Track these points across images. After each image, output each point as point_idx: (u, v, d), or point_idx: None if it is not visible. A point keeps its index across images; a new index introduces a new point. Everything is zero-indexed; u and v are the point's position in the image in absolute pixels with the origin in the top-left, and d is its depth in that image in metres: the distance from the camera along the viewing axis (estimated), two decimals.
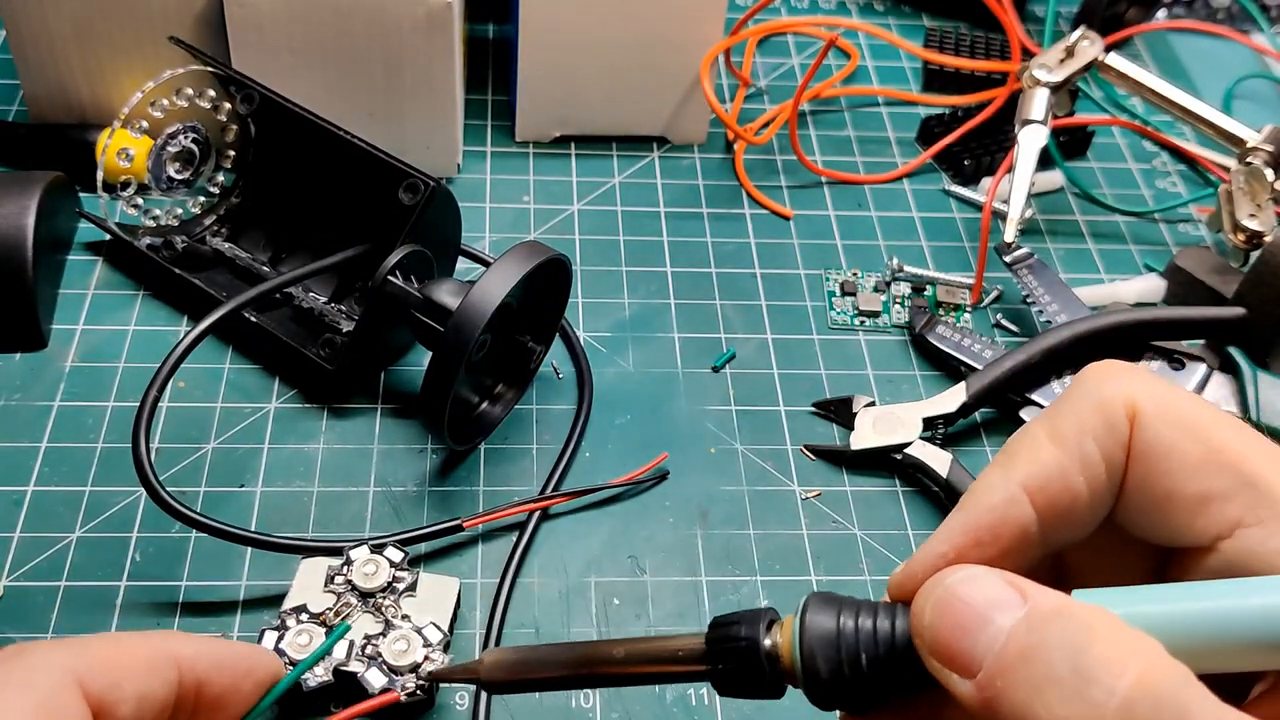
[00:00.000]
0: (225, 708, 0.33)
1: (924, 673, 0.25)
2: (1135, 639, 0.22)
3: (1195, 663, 0.22)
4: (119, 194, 0.54)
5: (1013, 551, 0.26)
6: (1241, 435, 0.25)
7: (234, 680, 0.33)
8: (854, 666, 0.26)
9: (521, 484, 0.50)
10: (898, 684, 0.26)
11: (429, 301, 0.48)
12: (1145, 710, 0.21)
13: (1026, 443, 0.27)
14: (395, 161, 0.51)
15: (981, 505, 0.26)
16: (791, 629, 0.27)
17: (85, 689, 0.29)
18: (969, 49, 0.73)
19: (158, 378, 0.46)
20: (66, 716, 0.28)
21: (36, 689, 0.28)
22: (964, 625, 0.24)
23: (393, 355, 0.54)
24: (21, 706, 0.28)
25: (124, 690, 0.29)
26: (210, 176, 0.57)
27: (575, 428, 0.52)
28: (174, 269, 0.54)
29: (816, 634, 0.26)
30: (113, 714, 0.29)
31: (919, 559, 0.27)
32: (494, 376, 0.52)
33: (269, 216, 0.58)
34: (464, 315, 0.45)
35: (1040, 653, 0.22)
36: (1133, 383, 0.26)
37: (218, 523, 0.44)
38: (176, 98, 0.54)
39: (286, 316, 0.54)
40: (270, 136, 0.57)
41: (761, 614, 0.28)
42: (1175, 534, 0.26)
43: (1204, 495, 0.25)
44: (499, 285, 0.45)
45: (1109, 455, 0.26)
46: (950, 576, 0.25)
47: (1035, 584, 0.24)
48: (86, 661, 0.29)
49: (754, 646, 0.27)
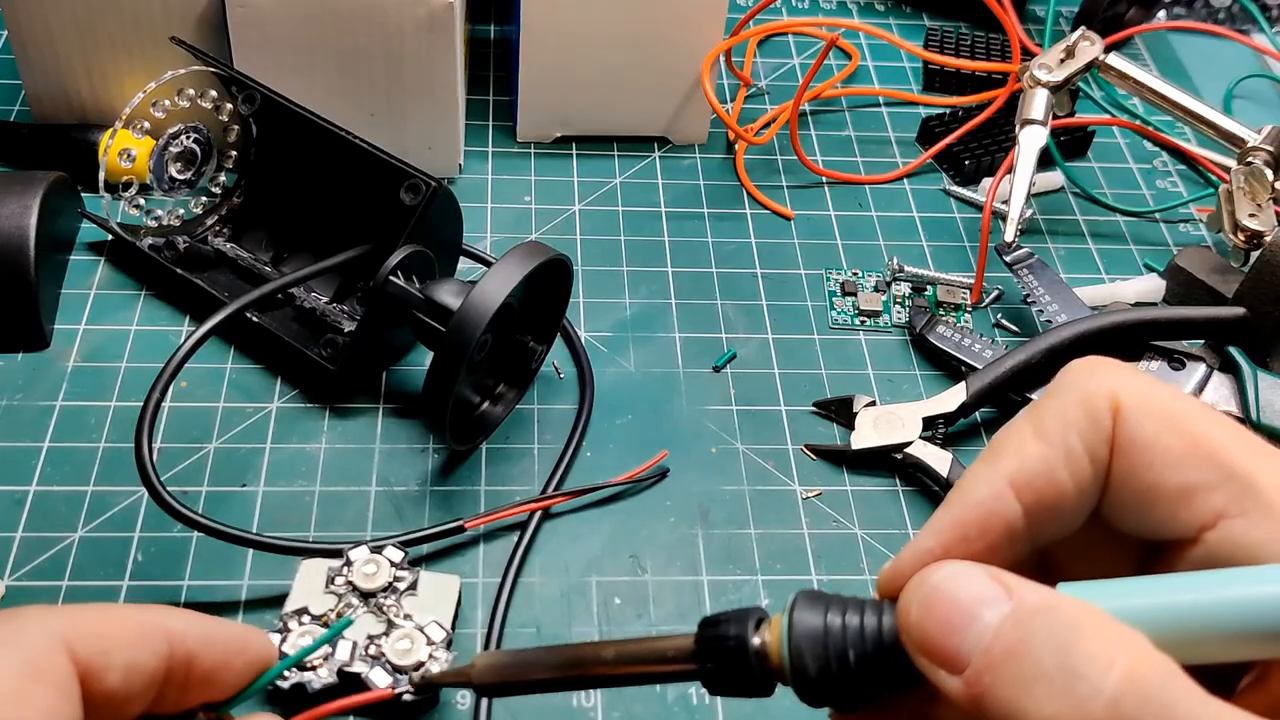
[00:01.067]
0: (216, 684, 0.33)
1: (912, 669, 0.25)
2: (1121, 633, 0.22)
3: (1181, 654, 0.22)
4: (121, 194, 0.54)
5: (999, 547, 0.26)
6: (1223, 428, 0.26)
7: (225, 657, 0.33)
8: (842, 664, 0.26)
9: (523, 484, 0.50)
10: (886, 681, 0.26)
11: (430, 302, 0.48)
12: (1132, 705, 0.21)
13: (1012, 439, 0.27)
14: (397, 162, 0.51)
15: (968, 501, 0.26)
16: (780, 627, 0.27)
17: (74, 653, 0.29)
18: (969, 49, 0.73)
19: (160, 379, 0.46)
20: (53, 677, 0.28)
21: (25, 649, 0.28)
22: (950, 622, 0.24)
23: (394, 355, 0.54)
24: (9, 663, 0.28)
25: (113, 658, 0.30)
26: (212, 177, 0.57)
27: (576, 427, 0.52)
28: (176, 269, 0.55)
29: (804, 632, 0.26)
30: (100, 680, 0.29)
31: (906, 555, 0.27)
32: (495, 376, 0.52)
33: (271, 217, 0.58)
34: (465, 315, 0.45)
35: (1027, 649, 0.22)
36: (1115, 377, 0.26)
37: (218, 524, 0.44)
38: (178, 98, 0.54)
39: (288, 317, 0.54)
40: (272, 137, 0.57)
41: (750, 613, 0.28)
42: (1159, 527, 0.26)
43: (1187, 487, 0.25)
44: (500, 285, 0.45)
45: (1093, 450, 0.26)
46: (936, 573, 0.25)
47: (1020, 579, 0.24)
48: (77, 627, 0.29)
49: (743, 645, 0.27)
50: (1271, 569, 0.24)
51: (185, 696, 0.32)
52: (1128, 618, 0.23)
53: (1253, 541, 0.24)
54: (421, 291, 0.48)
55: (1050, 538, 0.27)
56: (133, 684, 0.30)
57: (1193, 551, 0.25)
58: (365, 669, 0.41)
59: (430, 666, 0.41)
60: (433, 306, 0.48)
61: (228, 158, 0.57)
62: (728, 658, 0.27)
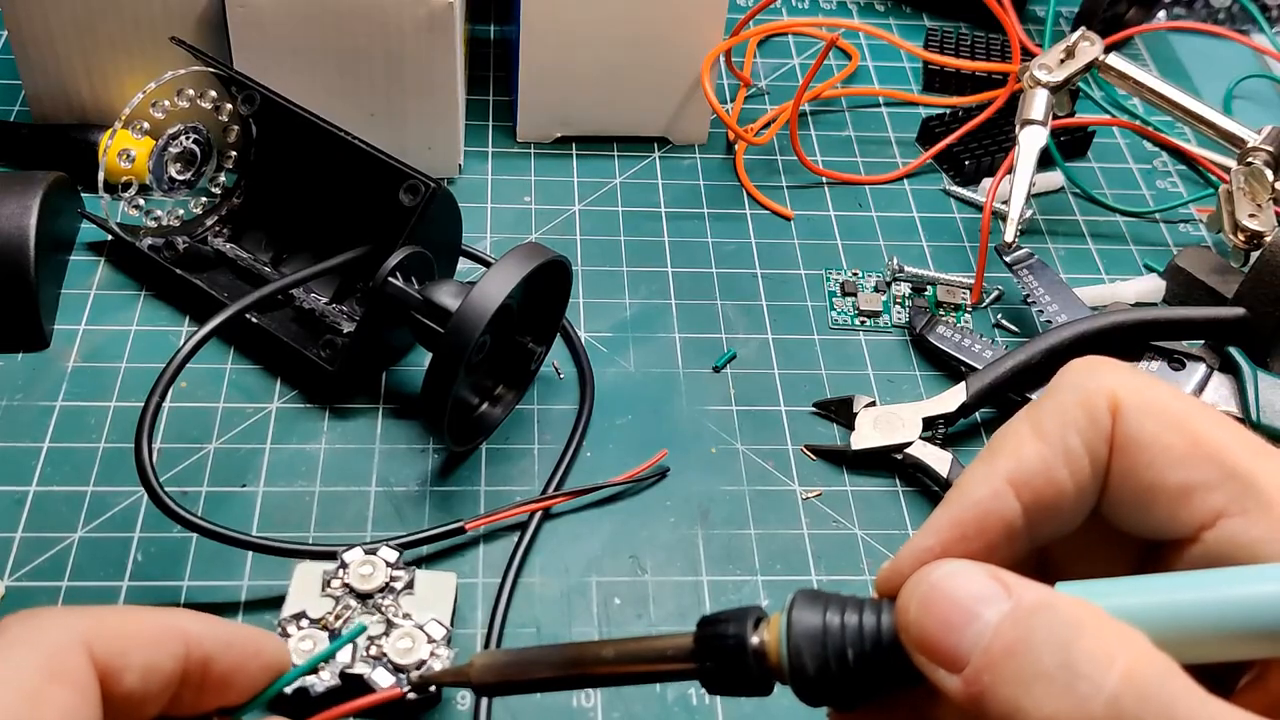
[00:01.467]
0: (231, 687, 0.33)
1: (911, 668, 0.25)
2: (1120, 631, 0.22)
3: (1181, 653, 0.22)
4: (120, 195, 0.54)
5: (998, 546, 0.26)
6: (1223, 427, 0.26)
7: (241, 660, 0.33)
8: (841, 663, 0.26)
9: (523, 484, 0.50)
10: (885, 679, 0.26)
11: (429, 303, 0.48)
12: (1132, 703, 0.21)
13: (1010, 437, 0.27)
14: (396, 163, 0.51)
15: (967, 500, 0.26)
16: (778, 626, 0.27)
17: (93, 654, 0.29)
18: (969, 49, 0.73)
19: (160, 381, 0.46)
20: (72, 677, 0.28)
21: (45, 649, 0.28)
22: (949, 620, 0.24)
23: (394, 356, 0.54)
24: (29, 663, 0.28)
25: (131, 659, 0.30)
26: (212, 177, 0.57)
27: (577, 428, 0.52)
28: (175, 269, 0.55)
29: (803, 631, 0.26)
30: (118, 681, 0.29)
31: (904, 554, 0.27)
32: (494, 377, 0.52)
33: (270, 217, 0.58)
34: (463, 317, 0.45)
35: (1026, 648, 0.22)
36: (1114, 376, 0.26)
37: (217, 526, 0.44)
38: (178, 98, 0.54)
39: (288, 317, 0.54)
40: (272, 137, 0.57)
41: (749, 612, 0.28)
42: (1159, 526, 0.26)
43: (1186, 487, 0.25)
44: (498, 287, 0.45)
45: (1092, 449, 0.26)
46: (935, 571, 0.25)
47: (1019, 577, 0.24)
48: (96, 628, 0.29)
49: (741, 644, 0.27)
50: (1271, 568, 0.24)
51: (201, 699, 0.32)
52: (1127, 616, 0.23)
53: (1252, 540, 0.24)
54: (420, 293, 0.48)
55: (1049, 537, 0.27)
56: (150, 685, 0.30)
57: (1192, 550, 0.25)
58: (368, 670, 0.41)
59: (432, 664, 0.41)
60: (431, 308, 0.48)
61: (227, 158, 0.57)
62: (726, 657, 0.27)
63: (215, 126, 0.57)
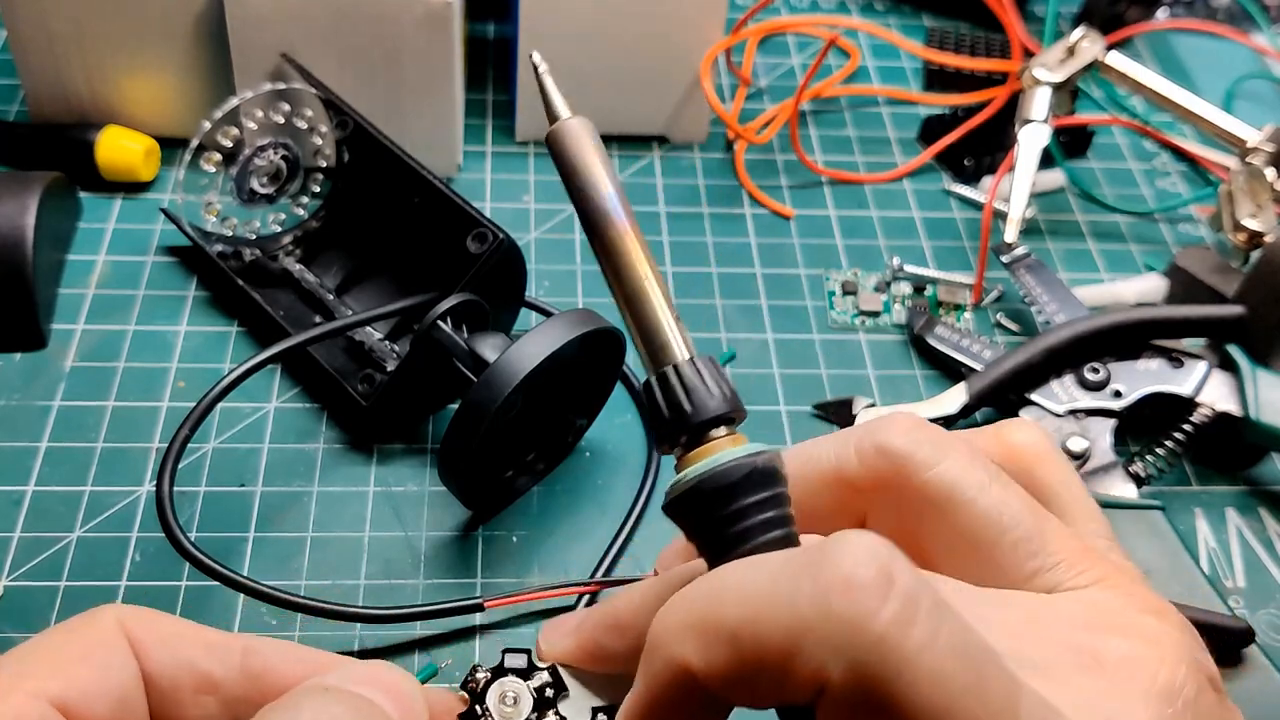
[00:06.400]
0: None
1: None
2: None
3: None
4: (197, 197, 0.54)
5: None
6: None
7: (308, 673, 0.31)
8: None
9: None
10: None
11: (472, 353, 0.46)
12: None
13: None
14: (470, 208, 0.50)
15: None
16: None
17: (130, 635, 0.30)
18: (969, 49, 0.73)
19: (197, 410, 0.45)
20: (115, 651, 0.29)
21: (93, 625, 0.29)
22: None
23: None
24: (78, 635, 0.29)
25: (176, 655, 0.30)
26: (295, 196, 0.56)
27: (635, 505, 0.49)
28: (238, 280, 0.54)
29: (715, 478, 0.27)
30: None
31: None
32: (531, 446, 0.50)
33: (344, 245, 0.57)
34: (493, 375, 0.43)
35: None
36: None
37: (235, 574, 0.42)
38: (271, 112, 0.53)
39: (339, 347, 0.53)
40: (357, 166, 0.56)
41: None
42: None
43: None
44: (536, 349, 0.43)
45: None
46: None
47: None
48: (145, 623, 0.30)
49: None
50: None
51: None
52: None
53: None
54: (467, 341, 0.47)
55: None
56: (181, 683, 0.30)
57: None
58: None
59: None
60: (473, 358, 0.46)
61: (314, 179, 0.56)
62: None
63: (307, 147, 0.56)
